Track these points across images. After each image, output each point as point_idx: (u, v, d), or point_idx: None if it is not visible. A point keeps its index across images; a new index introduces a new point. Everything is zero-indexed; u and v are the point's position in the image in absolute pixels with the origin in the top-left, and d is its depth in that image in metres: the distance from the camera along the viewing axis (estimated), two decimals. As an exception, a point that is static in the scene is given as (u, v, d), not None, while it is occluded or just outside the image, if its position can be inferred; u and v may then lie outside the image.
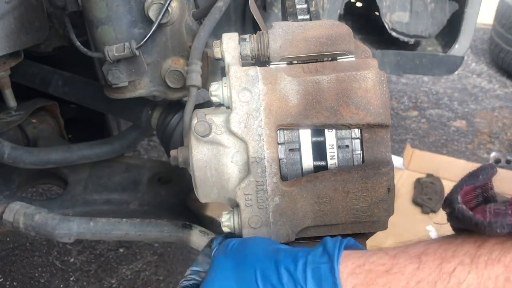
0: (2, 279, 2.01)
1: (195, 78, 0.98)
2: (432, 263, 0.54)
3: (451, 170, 2.21)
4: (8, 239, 2.14)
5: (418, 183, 2.45)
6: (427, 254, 0.56)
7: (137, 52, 0.99)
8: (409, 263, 0.55)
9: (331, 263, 0.57)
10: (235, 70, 0.65)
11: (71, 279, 2.04)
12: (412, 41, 1.77)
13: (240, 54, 0.70)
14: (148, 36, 0.98)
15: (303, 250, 0.60)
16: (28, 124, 1.32)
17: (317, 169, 0.67)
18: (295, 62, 0.70)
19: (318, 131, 0.67)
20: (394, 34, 1.74)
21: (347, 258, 0.58)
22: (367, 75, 0.66)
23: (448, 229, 0.65)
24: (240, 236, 0.69)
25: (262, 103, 0.64)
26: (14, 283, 2.00)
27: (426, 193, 2.40)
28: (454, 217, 0.51)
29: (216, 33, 1.00)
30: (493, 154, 2.71)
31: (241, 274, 0.60)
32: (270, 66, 0.70)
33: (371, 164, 0.66)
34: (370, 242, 0.73)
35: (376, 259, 0.56)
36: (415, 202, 2.39)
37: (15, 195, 1.26)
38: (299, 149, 0.67)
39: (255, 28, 0.77)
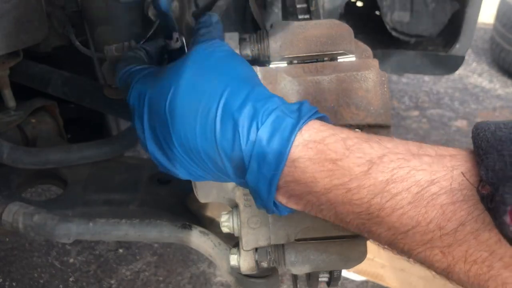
0: (1, 280, 2.00)
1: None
2: (382, 176, 0.51)
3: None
4: (7, 239, 2.14)
5: (419, 183, 2.44)
6: (382, 164, 0.52)
7: (136, 52, 0.98)
8: (358, 165, 0.53)
9: (296, 122, 0.55)
10: (234, 69, 0.65)
11: (71, 279, 2.04)
12: (412, 40, 1.77)
13: (240, 53, 0.70)
14: (148, 35, 0.98)
15: (279, 98, 0.58)
16: (27, 124, 1.32)
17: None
18: (295, 61, 0.70)
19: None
20: (394, 33, 1.73)
21: (309, 128, 0.56)
22: (367, 75, 0.66)
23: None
24: (239, 237, 0.69)
25: (262, 103, 0.64)
26: (13, 284, 2.00)
27: (426, 193, 2.39)
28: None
29: (216, 33, 1.00)
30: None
31: (213, 82, 0.57)
32: (270, 65, 0.70)
33: (371, 164, 0.66)
34: (370, 241, 0.73)
35: (332, 142, 0.54)
36: (416, 202, 2.38)
37: (14, 195, 1.25)
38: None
39: (255, 27, 0.77)
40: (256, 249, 0.71)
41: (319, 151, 0.54)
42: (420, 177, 0.50)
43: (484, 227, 0.47)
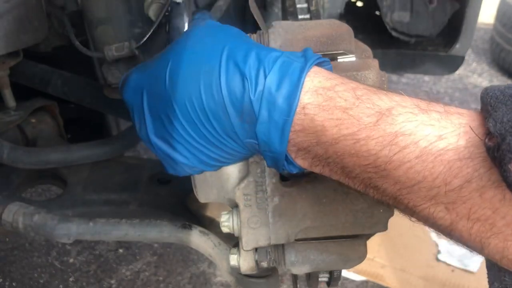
0: (1, 280, 2.00)
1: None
2: (390, 128, 0.51)
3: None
4: (7, 239, 2.14)
5: (419, 183, 2.44)
6: (391, 116, 0.51)
7: (136, 52, 0.98)
8: (367, 116, 0.52)
9: (304, 65, 0.54)
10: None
11: (71, 279, 2.04)
12: (412, 40, 1.77)
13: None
14: (147, 35, 0.98)
15: (282, 51, 0.57)
16: (27, 124, 1.32)
17: (317, 169, 0.67)
18: (295, 61, 0.70)
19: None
20: (394, 33, 1.73)
21: (318, 74, 0.55)
22: (367, 75, 0.66)
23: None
24: (239, 237, 0.69)
25: (262, 103, 0.64)
26: (13, 284, 2.00)
27: (426, 193, 2.39)
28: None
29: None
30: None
31: (210, 43, 0.57)
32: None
33: (371, 164, 0.66)
34: (370, 241, 0.73)
35: (342, 90, 0.53)
36: (416, 202, 2.38)
37: (14, 195, 1.25)
38: (299, 149, 0.66)
39: (255, 27, 0.77)
40: (256, 249, 0.71)
41: (329, 97, 0.53)
42: (429, 131, 0.50)
43: (490, 184, 0.47)
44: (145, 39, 0.98)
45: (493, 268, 0.55)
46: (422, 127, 0.50)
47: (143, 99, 0.60)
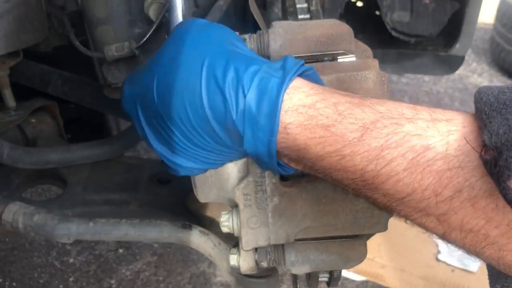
0: (1, 280, 2.00)
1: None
2: (376, 142, 0.50)
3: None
4: (7, 239, 2.14)
5: (419, 183, 2.44)
6: (376, 130, 0.50)
7: (136, 52, 0.98)
8: (351, 131, 0.51)
9: (282, 80, 0.54)
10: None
11: (71, 279, 2.03)
12: (412, 40, 1.77)
13: (240, 53, 0.70)
14: (147, 35, 0.98)
15: (262, 60, 0.57)
16: (27, 124, 1.32)
17: (317, 169, 0.67)
18: (295, 61, 0.70)
19: (318, 131, 0.67)
20: (394, 33, 1.73)
21: (298, 90, 0.54)
22: (367, 75, 0.66)
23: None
24: (239, 237, 0.69)
25: (262, 103, 0.64)
26: (14, 284, 2.00)
27: (426, 194, 2.39)
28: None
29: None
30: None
31: (191, 56, 0.57)
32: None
33: (371, 164, 0.66)
34: (370, 241, 0.73)
35: (322, 107, 0.53)
36: (416, 202, 2.38)
37: (14, 195, 1.25)
38: (299, 149, 0.66)
39: (255, 27, 0.77)
40: (256, 249, 0.71)
41: (310, 116, 0.53)
42: (415, 142, 0.48)
43: (482, 194, 0.46)
44: (145, 39, 0.98)
45: (494, 270, 0.54)
46: (409, 138, 0.49)
47: (138, 110, 0.61)
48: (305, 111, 0.53)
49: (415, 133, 0.49)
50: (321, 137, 0.52)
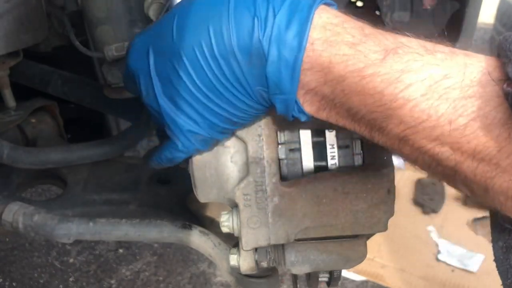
0: (1, 280, 2.00)
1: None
2: (397, 65, 0.51)
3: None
4: (7, 239, 2.14)
5: (419, 183, 2.45)
6: (397, 55, 0.51)
7: (136, 52, 0.98)
8: (374, 52, 0.52)
9: (312, 2, 0.55)
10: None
11: (71, 279, 2.04)
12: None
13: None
14: (147, 35, 0.98)
15: None
16: (27, 124, 1.32)
17: (317, 169, 0.67)
18: (295, 61, 0.70)
19: (319, 131, 0.67)
20: (394, 34, 1.73)
21: (326, 11, 0.55)
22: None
23: (448, 230, 0.65)
24: (239, 237, 0.69)
25: (262, 103, 0.64)
26: (14, 284, 2.00)
27: (427, 193, 2.40)
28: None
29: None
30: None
31: None
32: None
33: (371, 164, 0.66)
34: (370, 241, 0.73)
35: (349, 26, 0.54)
36: (416, 202, 2.39)
37: (14, 195, 1.25)
38: (299, 149, 0.67)
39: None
40: (256, 249, 0.71)
41: (336, 33, 0.53)
42: (434, 71, 0.50)
43: (496, 123, 0.47)
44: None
45: (497, 227, 0.55)
46: (428, 67, 0.50)
47: (149, 58, 0.59)
48: (333, 28, 0.54)
49: (433, 63, 0.50)
50: (345, 55, 0.52)
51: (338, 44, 0.53)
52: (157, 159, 0.68)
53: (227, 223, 0.70)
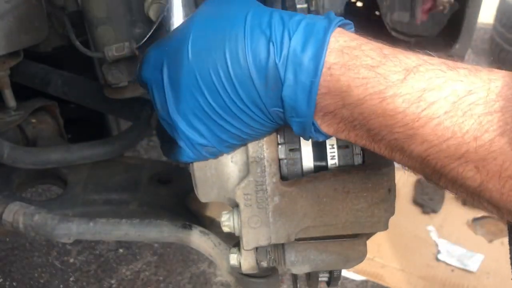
0: (1, 280, 2.00)
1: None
2: (418, 84, 0.50)
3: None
4: (7, 239, 2.14)
5: (419, 183, 2.45)
6: (419, 73, 0.50)
7: (137, 52, 0.98)
8: (394, 73, 0.51)
9: (328, 25, 0.54)
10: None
11: (71, 279, 2.04)
12: (412, 40, 1.77)
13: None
14: (148, 36, 0.98)
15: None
16: (27, 124, 1.32)
17: (317, 169, 0.67)
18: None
19: (319, 131, 0.67)
20: (394, 33, 1.73)
21: (343, 34, 0.54)
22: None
23: (448, 230, 0.65)
24: (240, 236, 0.69)
25: (262, 103, 0.64)
26: (14, 283, 2.00)
27: (427, 193, 2.40)
28: None
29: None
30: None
31: (233, 9, 0.57)
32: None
33: (371, 164, 0.66)
34: (370, 241, 0.73)
35: (368, 49, 0.53)
36: (416, 202, 2.39)
37: (14, 195, 1.25)
38: (299, 149, 0.67)
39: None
40: (256, 248, 0.71)
41: (354, 56, 0.52)
42: (457, 87, 0.49)
43: None
44: (145, 39, 0.98)
45: None
46: (451, 83, 0.49)
47: (163, 73, 0.59)
48: (350, 52, 0.53)
49: (457, 79, 0.49)
50: (364, 78, 0.51)
51: (357, 67, 0.52)
52: (166, 155, 0.69)
53: (227, 222, 0.70)
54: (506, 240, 0.61)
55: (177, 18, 0.86)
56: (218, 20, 0.56)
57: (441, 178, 0.52)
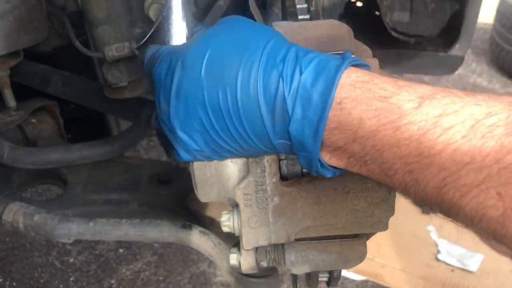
0: (1, 280, 2.00)
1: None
2: (434, 111, 0.48)
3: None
4: (7, 239, 2.14)
5: (419, 183, 2.44)
6: (434, 100, 0.48)
7: (137, 52, 0.98)
8: (408, 101, 0.49)
9: (341, 63, 0.53)
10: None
11: (71, 279, 2.04)
12: (412, 40, 1.77)
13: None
14: (148, 36, 0.98)
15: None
16: (27, 124, 1.32)
17: (317, 169, 0.67)
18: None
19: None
20: (394, 33, 1.73)
21: (356, 71, 0.54)
22: (367, 74, 0.66)
23: (448, 230, 0.64)
24: (240, 236, 0.69)
25: (262, 103, 0.64)
26: (14, 283, 2.00)
27: (426, 193, 2.39)
28: None
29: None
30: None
31: (253, 38, 0.57)
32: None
33: (371, 164, 0.66)
34: (370, 241, 0.73)
35: (381, 81, 0.52)
36: (416, 202, 2.38)
37: (14, 195, 1.25)
38: (299, 149, 0.67)
39: (255, 27, 0.77)
40: (256, 248, 0.71)
41: (367, 90, 0.51)
42: (475, 110, 0.47)
43: None
44: (145, 39, 0.98)
45: None
46: (468, 107, 0.47)
47: (173, 82, 0.59)
48: (363, 86, 0.52)
49: (474, 103, 0.48)
50: (377, 109, 0.50)
51: (370, 100, 0.51)
52: (166, 154, 0.70)
53: (227, 222, 0.70)
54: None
55: (177, 17, 0.86)
56: (237, 45, 0.56)
57: (459, 213, 0.48)
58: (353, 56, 0.58)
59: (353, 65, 0.55)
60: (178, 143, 0.62)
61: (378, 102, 0.50)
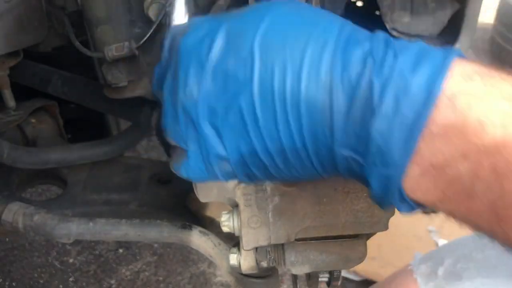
0: (1, 280, 2.00)
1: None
2: None
3: (452, 170, 2.21)
4: (7, 239, 2.14)
5: (419, 183, 2.44)
6: None
7: (136, 52, 0.98)
8: None
9: (447, 53, 0.40)
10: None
11: (70, 279, 2.04)
12: (412, 40, 1.76)
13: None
14: (147, 35, 0.98)
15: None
16: (27, 124, 1.32)
17: (317, 169, 0.67)
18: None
19: (319, 131, 0.67)
20: (394, 33, 1.73)
21: (466, 62, 0.40)
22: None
23: (448, 230, 0.64)
24: (239, 236, 0.69)
25: (262, 103, 0.64)
26: (13, 283, 2.00)
27: (426, 193, 2.39)
28: None
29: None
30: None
31: (323, 17, 0.44)
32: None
33: (372, 164, 0.66)
34: (370, 241, 0.73)
35: (505, 75, 0.39)
36: (416, 202, 2.38)
37: (14, 195, 1.25)
38: (299, 149, 0.66)
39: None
40: (256, 248, 0.71)
41: (490, 84, 0.38)
42: None
43: None
44: (145, 39, 0.98)
45: None
46: None
47: (210, 54, 0.44)
48: (483, 79, 0.39)
49: None
50: (505, 112, 0.37)
51: (494, 98, 0.37)
52: (167, 154, 0.57)
53: (227, 222, 0.70)
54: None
55: (177, 17, 0.86)
56: (304, 18, 0.43)
57: None
58: None
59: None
60: (196, 141, 0.47)
61: (507, 103, 0.37)
